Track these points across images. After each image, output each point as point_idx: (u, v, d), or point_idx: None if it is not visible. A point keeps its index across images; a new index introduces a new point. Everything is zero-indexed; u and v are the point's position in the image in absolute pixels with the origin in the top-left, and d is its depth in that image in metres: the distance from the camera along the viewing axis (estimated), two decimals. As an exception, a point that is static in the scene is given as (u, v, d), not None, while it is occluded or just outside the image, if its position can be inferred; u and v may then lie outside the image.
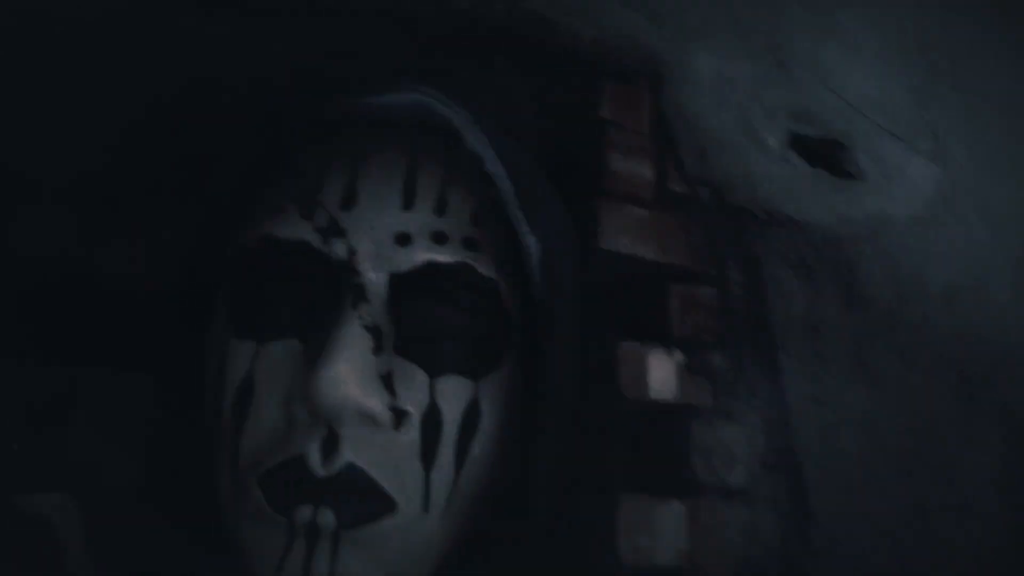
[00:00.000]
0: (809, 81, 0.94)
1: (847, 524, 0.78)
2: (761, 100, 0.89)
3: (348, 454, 0.44)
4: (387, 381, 0.46)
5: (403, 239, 0.48)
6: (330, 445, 0.44)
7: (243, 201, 0.51)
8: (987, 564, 0.84)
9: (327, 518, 0.43)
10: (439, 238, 0.48)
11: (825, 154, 0.93)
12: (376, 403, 0.45)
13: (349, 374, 0.43)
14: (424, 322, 0.48)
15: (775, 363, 0.79)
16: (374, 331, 0.45)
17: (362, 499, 0.45)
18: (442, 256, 0.48)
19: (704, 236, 0.80)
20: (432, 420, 0.47)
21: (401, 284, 0.47)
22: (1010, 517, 0.86)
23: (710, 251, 0.80)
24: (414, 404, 0.47)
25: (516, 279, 0.51)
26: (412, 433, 0.47)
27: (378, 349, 0.45)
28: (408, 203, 0.49)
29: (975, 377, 0.90)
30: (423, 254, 0.48)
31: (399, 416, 0.46)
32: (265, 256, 0.49)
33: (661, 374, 0.75)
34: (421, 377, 0.47)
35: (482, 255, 0.49)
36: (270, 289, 0.49)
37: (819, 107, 0.93)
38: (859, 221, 0.90)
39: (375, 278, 0.47)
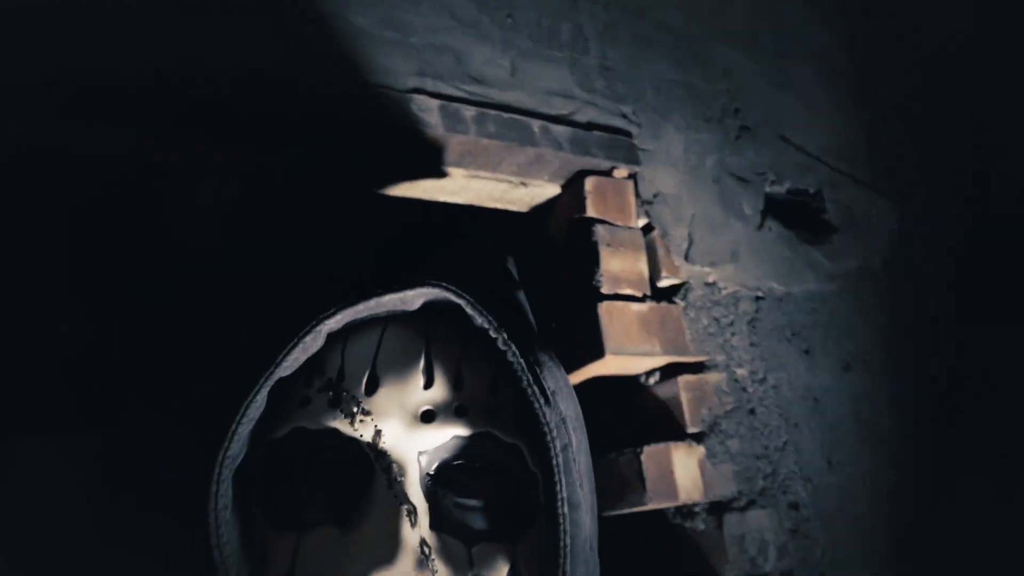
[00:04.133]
0: (773, 140, 0.98)
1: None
2: (731, 168, 0.92)
3: None
4: (427, 557, 0.47)
5: (427, 416, 0.51)
6: None
7: (272, 399, 0.53)
8: None
9: None
10: (460, 412, 0.51)
11: (799, 212, 0.96)
12: None
13: (399, 571, 0.44)
14: (455, 494, 0.51)
15: (787, 441, 0.82)
16: (409, 509, 0.48)
17: None
18: (465, 429, 0.51)
19: (703, 323, 0.82)
20: None
21: (429, 459, 0.50)
22: None
23: (711, 338, 0.82)
24: (456, 575, 0.48)
25: (535, 437, 0.53)
26: None
27: (415, 526, 0.47)
28: (428, 382, 0.52)
29: (965, 409, 0.95)
30: (447, 428, 0.50)
31: None
32: (296, 448, 0.51)
33: (686, 471, 0.76)
34: (459, 548, 0.49)
35: (502, 421, 0.52)
36: (303, 479, 0.51)
37: (786, 165, 0.98)
38: (841, 276, 0.94)
39: (404, 456, 0.50)
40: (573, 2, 0.90)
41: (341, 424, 0.50)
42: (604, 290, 0.80)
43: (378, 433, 0.50)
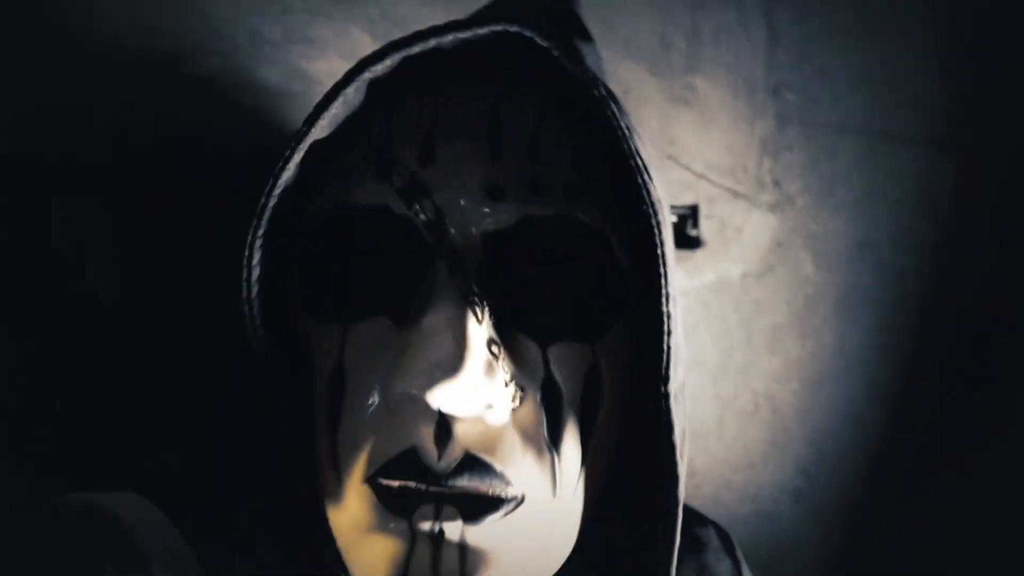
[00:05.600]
0: (660, 161, 1.09)
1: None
2: (612, 193, 1.05)
3: (464, 442, 0.40)
4: (496, 358, 0.40)
5: (494, 192, 0.43)
6: (443, 433, 0.40)
7: (309, 169, 0.45)
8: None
9: (451, 518, 0.40)
10: (536, 188, 0.43)
11: (673, 229, 1.10)
12: (495, 396, 0.40)
13: (466, 376, 0.38)
14: (528, 285, 0.44)
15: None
16: (475, 303, 0.41)
17: (486, 492, 0.41)
18: (541, 209, 0.43)
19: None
20: (550, 395, 0.43)
21: (497, 244, 0.43)
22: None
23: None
24: (528, 379, 0.43)
25: (626, 224, 0.45)
26: (530, 412, 0.43)
27: (482, 323, 0.40)
28: (496, 151, 0.43)
29: (787, 411, 1.15)
30: (520, 207, 0.43)
31: (516, 395, 0.42)
32: (339, 226, 0.45)
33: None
34: (532, 347, 0.44)
35: (586, 200, 0.44)
36: (349, 263, 0.45)
37: (668, 184, 1.09)
38: (694, 290, 1.09)
39: (468, 240, 0.42)
40: (480, 32, 0.98)
41: (391, 199, 0.43)
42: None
43: (437, 211, 0.42)
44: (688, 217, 1.12)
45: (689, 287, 1.10)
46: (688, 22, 1.12)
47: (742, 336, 1.14)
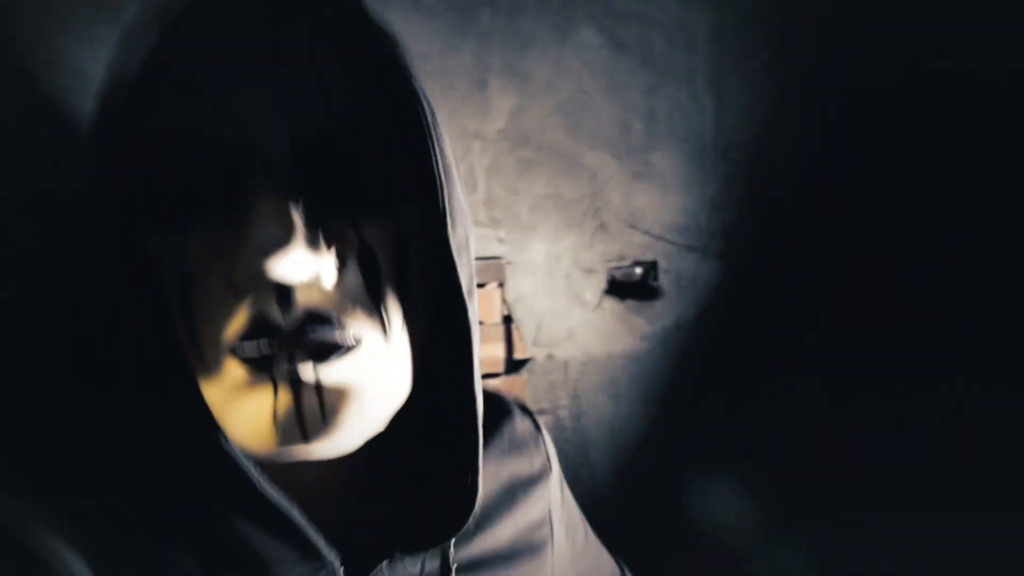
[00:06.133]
0: (623, 230, 1.31)
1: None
2: (582, 263, 1.27)
3: (304, 303, 0.47)
4: (317, 238, 0.48)
5: (294, 106, 0.49)
6: (285, 298, 0.47)
7: (132, 106, 0.50)
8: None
9: (304, 363, 0.47)
10: (328, 105, 0.50)
11: (634, 285, 1.33)
12: (322, 265, 0.47)
13: (294, 248, 0.45)
14: (335, 177, 0.50)
15: (584, 460, 1.28)
16: (290, 194, 0.47)
17: (330, 339, 0.48)
18: (333, 121, 0.50)
19: (542, 386, 1.25)
20: (368, 260, 0.51)
21: (303, 149, 0.49)
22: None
23: (546, 394, 1.25)
24: (347, 250, 0.50)
25: (413, 134, 0.53)
26: (354, 275, 0.50)
27: (300, 210, 0.47)
28: (297, 75, 0.50)
29: (752, 435, 1.39)
30: (314, 122, 0.49)
31: (339, 262, 0.49)
32: (164, 153, 0.49)
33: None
34: (346, 225, 0.50)
35: (370, 110, 0.52)
36: (176, 178, 0.49)
37: (630, 248, 1.31)
38: (657, 334, 1.33)
39: (275, 148, 0.48)
40: (468, 146, 1.19)
41: (202, 122, 0.48)
42: (469, 375, 1.21)
43: (245, 128, 0.48)
44: (650, 271, 1.34)
45: (651, 332, 1.33)
46: (645, 106, 1.31)
47: (695, 368, 1.38)
